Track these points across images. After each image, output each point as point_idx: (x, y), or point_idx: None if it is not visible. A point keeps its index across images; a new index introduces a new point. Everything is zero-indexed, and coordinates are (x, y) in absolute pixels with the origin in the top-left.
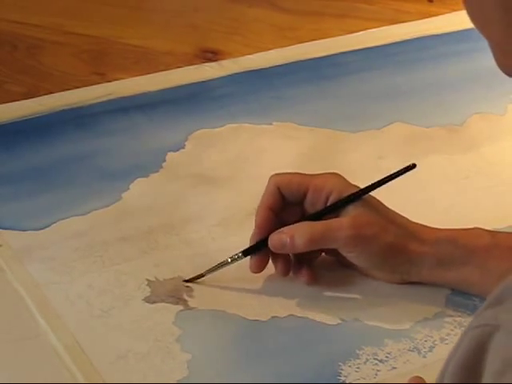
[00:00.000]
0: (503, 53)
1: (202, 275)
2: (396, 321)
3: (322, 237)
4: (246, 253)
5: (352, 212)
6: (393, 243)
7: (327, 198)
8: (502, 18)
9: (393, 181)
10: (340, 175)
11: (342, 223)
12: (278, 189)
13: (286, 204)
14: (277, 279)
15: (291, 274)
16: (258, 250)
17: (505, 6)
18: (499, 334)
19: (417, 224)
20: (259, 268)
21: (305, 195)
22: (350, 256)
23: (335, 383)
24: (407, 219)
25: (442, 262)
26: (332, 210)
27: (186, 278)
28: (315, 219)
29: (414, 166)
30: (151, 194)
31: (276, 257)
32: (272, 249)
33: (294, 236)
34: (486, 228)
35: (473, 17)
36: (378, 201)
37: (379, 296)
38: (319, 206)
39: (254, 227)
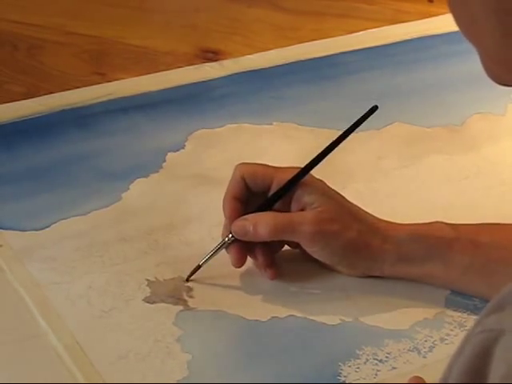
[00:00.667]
0: (495, 61)
1: (199, 266)
2: (396, 321)
3: (284, 229)
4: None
5: (316, 206)
6: (355, 240)
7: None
8: (494, 28)
9: (393, 181)
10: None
11: (305, 218)
12: (243, 179)
13: (252, 194)
14: (277, 279)
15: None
16: None
17: (498, 15)
18: (505, 338)
19: (379, 220)
20: (239, 261)
21: (269, 187)
22: (311, 251)
23: (335, 383)
24: (370, 214)
25: (405, 258)
26: (281, 194)
27: (185, 277)
28: (267, 206)
29: (376, 108)
30: (151, 194)
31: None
32: (234, 235)
33: (257, 225)
34: None
35: (461, 24)
36: (343, 196)
37: (379, 296)
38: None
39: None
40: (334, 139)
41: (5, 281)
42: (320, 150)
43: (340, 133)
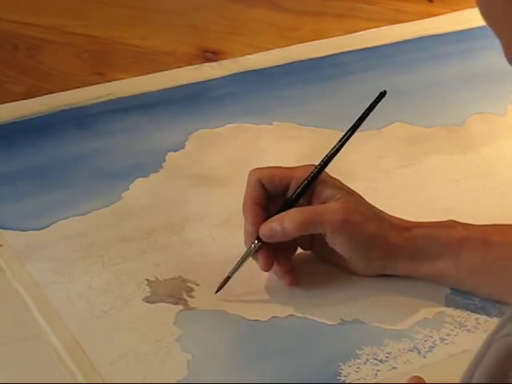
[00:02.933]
0: None
1: (228, 278)
2: (396, 321)
3: (312, 221)
4: (259, 239)
5: (339, 198)
6: (376, 234)
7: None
8: None
9: (393, 181)
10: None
11: (332, 207)
12: (261, 183)
13: (270, 197)
14: (276, 279)
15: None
16: None
17: None
18: None
19: (393, 217)
20: (269, 265)
21: (287, 187)
22: (336, 242)
23: (335, 383)
24: (385, 213)
25: (417, 256)
26: (303, 192)
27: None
28: (290, 206)
29: (384, 93)
30: (151, 193)
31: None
32: (263, 238)
33: (285, 222)
34: None
35: (487, 16)
36: (361, 196)
37: (379, 296)
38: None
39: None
40: (346, 131)
41: (5, 281)
42: (324, 150)
43: (340, 134)
